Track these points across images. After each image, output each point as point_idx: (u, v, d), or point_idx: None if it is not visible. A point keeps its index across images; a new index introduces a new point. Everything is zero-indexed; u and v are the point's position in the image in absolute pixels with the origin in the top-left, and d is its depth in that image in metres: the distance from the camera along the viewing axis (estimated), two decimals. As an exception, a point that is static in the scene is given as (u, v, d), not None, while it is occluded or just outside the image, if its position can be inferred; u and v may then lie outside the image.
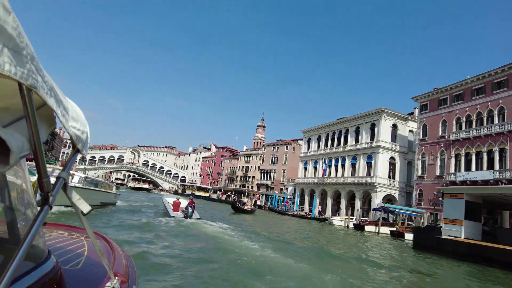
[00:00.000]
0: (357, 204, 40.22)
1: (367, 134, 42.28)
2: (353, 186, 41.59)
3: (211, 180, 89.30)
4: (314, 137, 52.58)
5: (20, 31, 0.75)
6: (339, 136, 47.30)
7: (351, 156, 43.84)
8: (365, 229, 27.19)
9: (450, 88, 34.18)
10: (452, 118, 33.42)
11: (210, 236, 11.84)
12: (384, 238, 23.22)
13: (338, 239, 19.22)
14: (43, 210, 1.10)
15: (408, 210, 30.34)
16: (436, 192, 32.01)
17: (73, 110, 1.28)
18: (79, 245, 2.19)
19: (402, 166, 40.85)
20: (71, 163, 1.38)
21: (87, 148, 1.47)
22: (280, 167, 65.65)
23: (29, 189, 1.46)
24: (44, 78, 0.91)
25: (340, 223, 31.46)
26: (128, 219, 14.03)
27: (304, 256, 10.42)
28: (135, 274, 2.10)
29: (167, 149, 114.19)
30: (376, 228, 27.50)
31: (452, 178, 31.45)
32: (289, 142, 66.64)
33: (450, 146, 33.00)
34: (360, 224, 28.93)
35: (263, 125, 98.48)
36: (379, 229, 26.82)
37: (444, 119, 34.39)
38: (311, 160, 51.61)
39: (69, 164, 1.36)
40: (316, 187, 48.22)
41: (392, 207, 29.52)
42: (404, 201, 39.26)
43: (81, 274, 1.70)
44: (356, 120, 44.29)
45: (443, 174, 32.99)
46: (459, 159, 32.04)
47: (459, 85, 33.13)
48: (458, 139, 32.00)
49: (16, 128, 1.06)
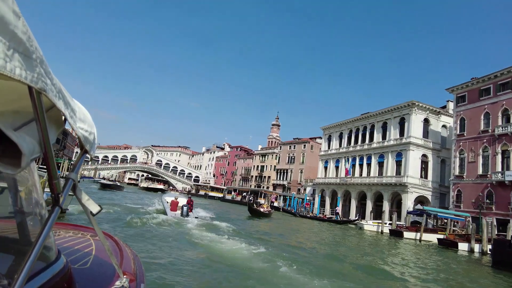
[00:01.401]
0: (385, 206, 36.78)
1: (396, 129, 38.75)
2: (381, 187, 38.17)
3: (224, 180, 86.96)
4: (335, 134, 49.26)
5: (29, 35, 0.75)
6: (363, 133, 43.88)
7: (378, 154, 40.39)
8: (403, 236, 23.77)
9: (494, 77, 30.35)
10: (497, 110, 29.61)
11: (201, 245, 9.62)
12: (431, 248, 19.72)
13: (383, 251, 16.06)
14: (54, 211, 1.10)
15: (450, 214, 26.65)
16: (481, 193, 28.40)
17: (81, 112, 1.29)
18: (87, 244, 2.17)
19: (435, 164, 37.16)
20: (80, 164, 1.39)
21: (95, 149, 1.45)
22: (297, 167, 62.54)
23: (38, 190, 1.45)
24: (52, 81, 0.92)
25: (372, 228, 28.09)
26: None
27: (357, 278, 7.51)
28: (143, 273, 2.06)
29: (181, 148, 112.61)
30: (417, 234, 24.04)
31: (499, 178, 27.72)
32: (307, 140, 63.43)
33: (495, 142, 29.22)
34: (397, 230, 25.37)
35: (277, 124, 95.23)
36: (421, 236, 23.37)
37: (487, 111, 30.60)
38: (332, 159, 48.32)
39: (78, 165, 1.37)
40: (339, 187, 44.95)
41: (432, 210, 25.92)
42: (437, 203, 35.61)
43: (90, 273, 1.71)
44: (383, 115, 40.79)
45: (487, 173, 29.26)
46: (507, 155, 28.26)
47: (506, 72, 29.28)
48: (506, 133, 28.23)
49: (27, 131, 1.03)
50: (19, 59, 0.71)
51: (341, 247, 15.13)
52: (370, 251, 14.98)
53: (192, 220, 14.18)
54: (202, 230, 12.09)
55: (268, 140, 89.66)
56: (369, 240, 20.18)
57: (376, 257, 13.08)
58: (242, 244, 9.84)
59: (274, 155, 70.48)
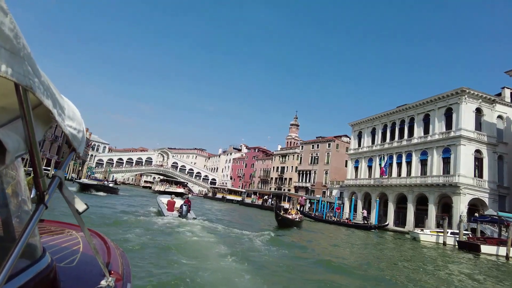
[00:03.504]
0: (431, 210, 31.68)
1: (441, 122, 33.57)
2: (425, 188, 33.06)
3: (242, 183, 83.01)
4: (366, 130, 44.32)
5: (17, 32, 0.75)
6: (400, 127, 38.83)
7: (420, 150, 35.29)
8: (480, 250, 18.42)
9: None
10: None
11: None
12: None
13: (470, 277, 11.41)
14: (38, 209, 1.09)
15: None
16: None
17: (70, 109, 1.26)
18: (74, 242, 2.10)
19: (491, 161, 31.73)
20: (67, 162, 1.37)
21: (83, 147, 1.43)
22: (321, 168, 57.79)
23: (23, 187, 1.44)
24: (40, 79, 0.91)
25: (431, 238, 23.04)
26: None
27: None
28: (130, 272, 1.98)
29: (197, 151, 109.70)
30: (502, 249, 18.35)
31: None
32: (332, 138, 58.61)
33: None
34: (470, 243, 19.86)
35: (296, 123, 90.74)
36: (508, 252, 17.71)
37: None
38: (364, 158, 43.40)
39: (65, 163, 1.36)
40: (372, 189, 39.99)
41: (510, 217, 20.69)
42: (496, 207, 30.16)
43: (76, 271, 1.67)
44: (425, 106, 35.67)
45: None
46: None
47: None
48: None
49: (12, 128, 1.03)
50: (6, 56, 0.70)
51: (416, 273, 10.62)
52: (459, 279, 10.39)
53: (192, 222, 13.47)
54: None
55: (287, 141, 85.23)
56: (440, 259, 15.40)
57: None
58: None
59: (295, 156, 65.96)
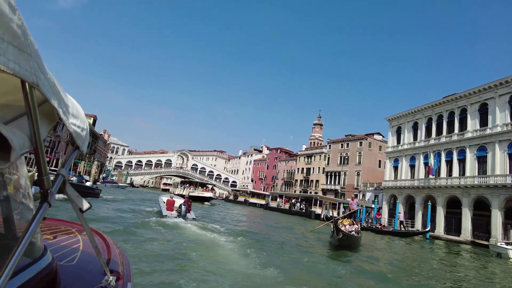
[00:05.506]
0: (495, 216, 26.69)
1: (503, 112, 28.50)
2: (485, 190, 28.09)
3: (264, 185, 79.21)
4: (407, 125, 39.50)
5: (25, 29, 0.75)
6: (449, 120, 33.86)
7: (476, 146, 30.30)
8: None
9: None
10: None
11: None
12: None
13: None
14: (42, 207, 1.09)
15: None
16: None
17: (73, 107, 1.26)
18: (74, 240, 2.10)
19: None
20: (70, 160, 1.38)
21: (86, 145, 1.42)
22: (352, 168, 53.10)
23: (25, 184, 1.44)
24: (46, 76, 0.91)
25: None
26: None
27: None
28: (130, 271, 1.98)
29: (217, 152, 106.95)
30: None
31: None
32: (363, 136, 53.81)
33: None
34: None
35: (320, 123, 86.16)
36: None
37: None
38: (405, 156, 38.57)
39: (69, 161, 1.36)
40: (417, 192, 35.17)
41: None
42: None
43: (77, 270, 1.67)
44: (480, 94, 30.67)
45: None
46: None
47: None
48: None
49: (17, 125, 1.03)
50: (13, 52, 0.70)
51: None
52: None
53: (190, 222, 13.38)
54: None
55: (310, 141, 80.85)
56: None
57: None
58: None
59: (322, 156, 61.51)
